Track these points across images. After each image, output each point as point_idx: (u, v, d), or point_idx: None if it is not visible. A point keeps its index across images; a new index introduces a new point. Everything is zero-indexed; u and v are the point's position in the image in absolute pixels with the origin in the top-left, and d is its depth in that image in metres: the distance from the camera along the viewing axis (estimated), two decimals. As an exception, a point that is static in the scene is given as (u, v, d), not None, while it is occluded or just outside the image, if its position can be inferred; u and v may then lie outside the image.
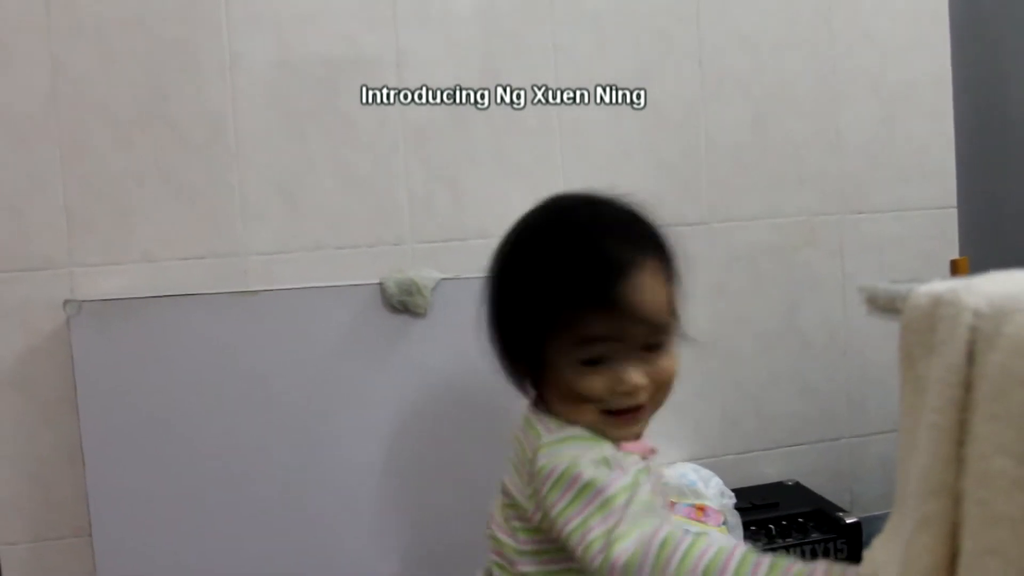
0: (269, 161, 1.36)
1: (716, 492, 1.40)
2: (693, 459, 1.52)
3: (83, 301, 1.23)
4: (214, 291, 1.27)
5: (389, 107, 1.39)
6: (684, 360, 1.48)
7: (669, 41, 1.50)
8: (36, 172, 1.29)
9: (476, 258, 1.01)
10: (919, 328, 0.54)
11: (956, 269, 1.42)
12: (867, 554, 0.60)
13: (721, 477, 1.45)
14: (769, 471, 1.56)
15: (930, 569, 0.49)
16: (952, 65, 1.61)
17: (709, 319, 1.53)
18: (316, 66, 1.36)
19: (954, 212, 1.62)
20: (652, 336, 0.84)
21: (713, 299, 1.53)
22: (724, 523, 1.34)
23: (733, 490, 1.43)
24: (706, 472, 1.45)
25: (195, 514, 1.25)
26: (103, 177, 1.31)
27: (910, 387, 0.56)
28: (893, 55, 1.58)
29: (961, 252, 1.60)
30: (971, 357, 0.50)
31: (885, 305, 0.58)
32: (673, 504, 1.37)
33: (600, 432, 0.85)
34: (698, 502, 1.37)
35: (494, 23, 1.42)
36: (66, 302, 1.24)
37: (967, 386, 0.49)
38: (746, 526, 1.34)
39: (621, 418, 0.85)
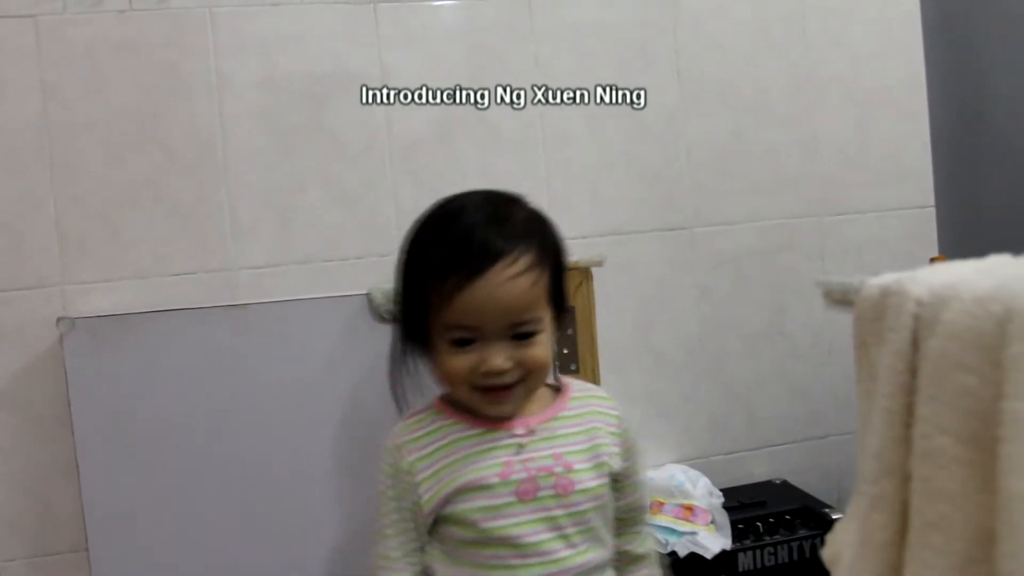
0: (258, 178, 1.39)
1: (704, 492, 1.42)
2: (682, 460, 1.54)
3: (76, 318, 1.25)
4: (205, 305, 1.29)
5: (376, 122, 1.42)
6: (671, 364, 1.53)
7: (647, 52, 1.53)
8: (28, 192, 1.32)
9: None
10: (870, 318, 0.57)
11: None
12: (830, 537, 0.62)
13: (710, 477, 1.47)
14: (757, 470, 1.58)
15: (883, 545, 0.52)
16: (926, 67, 1.64)
17: (695, 322, 1.56)
18: (302, 84, 1.39)
19: (932, 212, 1.64)
20: (515, 327, 0.89)
21: (699, 303, 1.56)
22: (712, 522, 1.36)
23: (721, 490, 1.45)
24: (694, 473, 1.47)
25: (191, 527, 1.27)
26: (94, 196, 1.34)
27: (864, 373, 0.58)
28: (867, 60, 1.62)
29: (940, 251, 1.63)
30: (915, 343, 0.52)
31: (840, 298, 0.61)
32: (661, 504, 1.39)
33: (475, 407, 0.93)
34: (686, 502, 1.39)
35: (476, 38, 1.46)
36: (59, 319, 1.26)
37: (912, 371, 0.52)
38: (734, 525, 1.36)
39: (489, 396, 0.91)
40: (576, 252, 1.40)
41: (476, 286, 0.87)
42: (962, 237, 1.64)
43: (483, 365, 0.88)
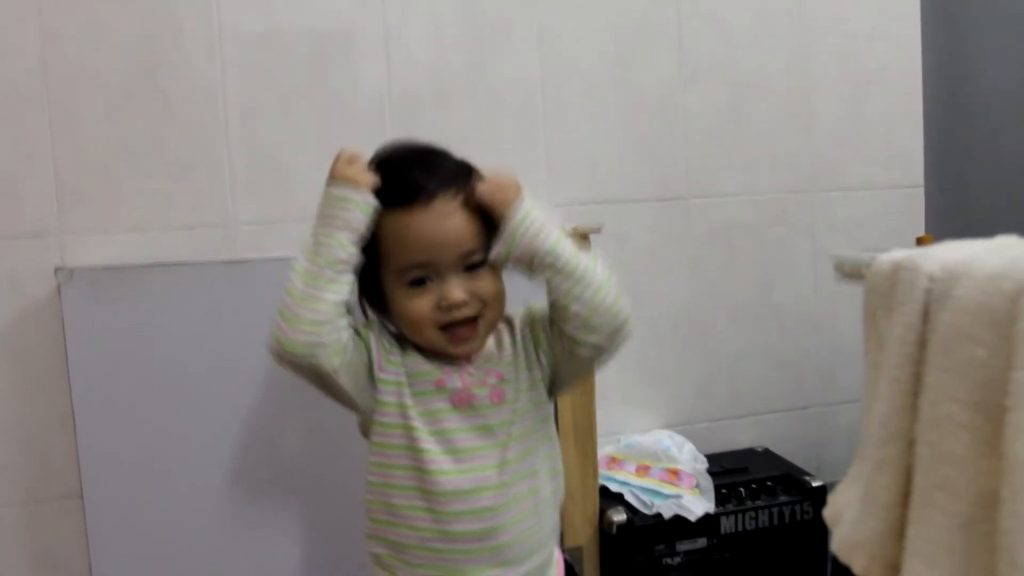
0: (258, 134, 1.38)
1: (689, 457, 1.47)
2: (668, 426, 1.58)
3: (74, 269, 1.25)
4: (203, 260, 1.29)
5: (378, 82, 1.42)
6: (661, 332, 1.56)
7: (649, 26, 1.54)
8: (26, 141, 1.30)
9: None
10: (881, 291, 0.59)
11: (921, 247, 1.48)
12: (831, 497, 0.65)
13: (695, 443, 1.51)
14: (741, 438, 1.63)
15: (888, 504, 0.55)
16: (922, 49, 1.66)
17: (686, 292, 1.59)
18: (304, 40, 1.39)
19: (921, 191, 1.68)
20: (466, 257, 0.91)
21: (690, 273, 1.59)
22: (697, 486, 1.40)
23: (706, 455, 1.50)
24: (680, 438, 1.51)
25: (184, 476, 1.28)
26: (93, 148, 1.33)
27: (873, 344, 0.61)
28: (864, 40, 1.64)
29: (927, 230, 1.67)
30: (925, 316, 0.55)
31: (851, 271, 0.63)
32: (648, 468, 1.43)
33: (443, 349, 0.93)
34: (672, 466, 1.43)
35: (478, 5, 1.45)
36: (57, 269, 1.26)
37: (921, 343, 0.55)
38: (717, 489, 1.40)
39: (455, 336, 0.92)
40: (573, 219, 1.42)
41: (422, 219, 0.89)
42: (948, 218, 1.68)
43: (443, 300, 0.90)
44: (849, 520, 0.59)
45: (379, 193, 0.92)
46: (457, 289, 0.91)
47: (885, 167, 1.66)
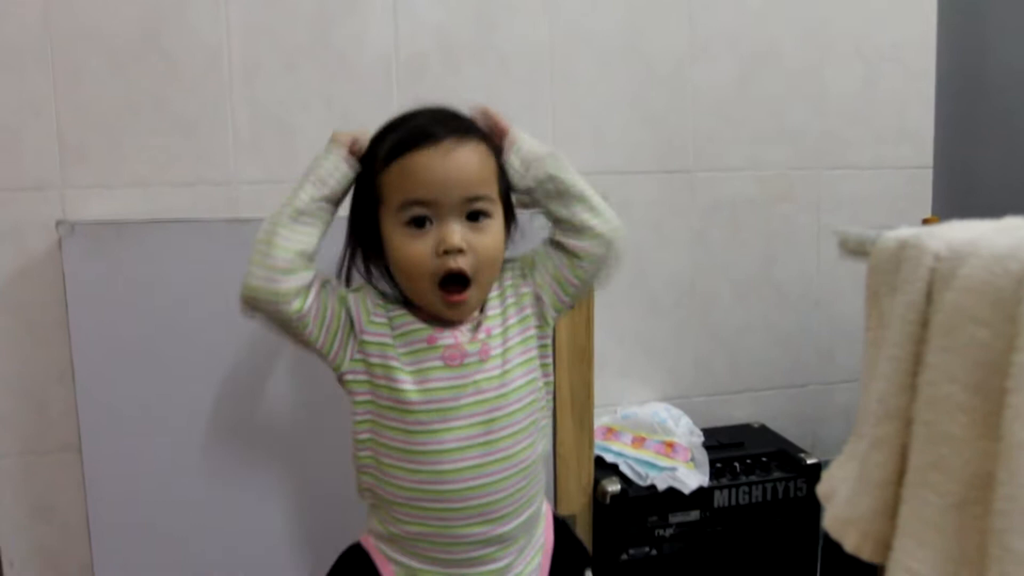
0: (262, 93, 1.37)
1: (685, 430, 1.47)
2: (666, 399, 1.58)
3: (75, 223, 1.25)
4: (205, 217, 1.29)
5: (384, 43, 1.40)
6: (662, 305, 1.56)
7: (660, -6, 1.52)
8: (29, 96, 1.29)
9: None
10: (885, 268, 0.59)
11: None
12: (825, 474, 0.65)
13: (691, 417, 1.52)
14: (737, 413, 1.63)
15: (881, 482, 0.54)
16: (937, 27, 1.64)
17: (688, 266, 1.58)
18: (309, 1, 1.37)
19: (929, 172, 1.67)
20: (469, 203, 0.90)
21: (692, 246, 1.58)
22: (692, 459, 1.40)
23: (702, 430, 1.50)
24: (676, 411, 1.52)
25: (182, 431, 1.29)
26: (96, 104, 1.32)
27: (874, 322, 0.60)
28: (879, 16, 1.62)
29: (933, 212, 1.66)
30: (929, 296, 0.54)
31: (855, 248, 0.63)
32: (644, 440, 1.44)
33: (435, 310, 0.93)
34: (667, 438, 1.43)
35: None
36: (58, 223, 1.25)
37: (923, 322, 0.54)
38: (712, 463, 1.40)
39: (449, 297, 0.91)
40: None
41: (427, 154, 0.88)
42: (955, 200, 1.67)
43: (441, 244, 0.89)
44: (842, 497, 0.59)
45: (385, 141, 0.93)
46: (456, 233, 0.89)
47: (894, 146, 1.65)
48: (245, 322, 1.27)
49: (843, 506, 0.59)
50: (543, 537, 1.01)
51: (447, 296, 0.91)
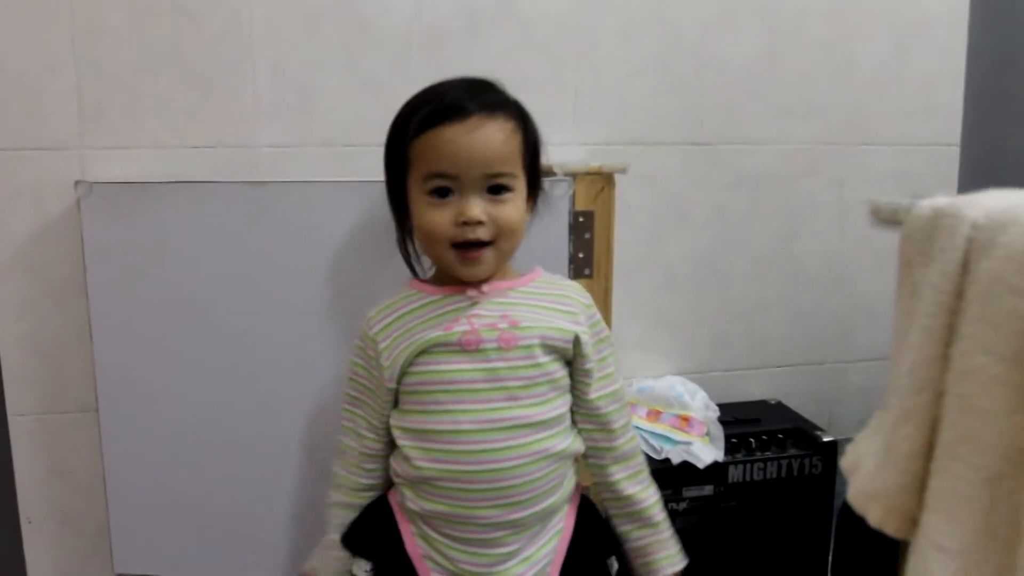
0: (284, 56, 1.36)
1: (701, 405, 1.46)
2: (682, 373, 1.57)
3: (94, 183, 1.25)
4: (224, 180, 1.28)
5: (405, 9, 1.38)
6: (680, 279, 1.54)
7: (688, -38, 1.49)
8: (48, 54, 1.28)
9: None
10: (919, 237, 0.57)
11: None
12: (849, 448, 0.64)
13: (707, 392, 1.51)
14: (754, 389, 1.62)
15: (909, 455, 0.53)
16: (970, 1, 1.60)
17: (708, 239, 1.56)
18: (333, -38, 1.35)
19: (956, 150, 1.64)
20: (490, 179, 0.93)
21: (713, 220, 1.56)
22: (707, 434, 1.40)
23: (718, 404, 1.49)
24: (693, 386, 1.51)
25: (197, 392, 1.29)
26: (115, 63, 1.31)
27: (906, 292, 0.59)
28: (910, -12, 1.58)
29: (958, 191, 1.63)
30: (965, 266, 0.53)
31: (888, 217, 0.62)
32: (659, 413, 1.43)
33: (452, 270, 0.96)
34: (683, 413, 1.43)
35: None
36: (77, 183, 1.25)
37: (958, 292, 0.53)
38: (728, 438, 1.40)
39: (465, 255, 0.94)
40: (599, 158, 1.40)
41: (453, 129, 0.91)
42: (981, 179, 1.64)
43: (460, 216, 0.92)
44: (867, 471, 0.58)
45: (415, 112, 0.95)
46: (476, 207, 0.92)
47: (922, 123, 1.62)
48: (262, 285, 1.28)
49: (868, 480, 0.58)
50: (563, 522, 1.01)
51: (463, 254, 0.94)
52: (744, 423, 1.46)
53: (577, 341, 0.98)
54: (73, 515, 1.40)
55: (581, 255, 1.31)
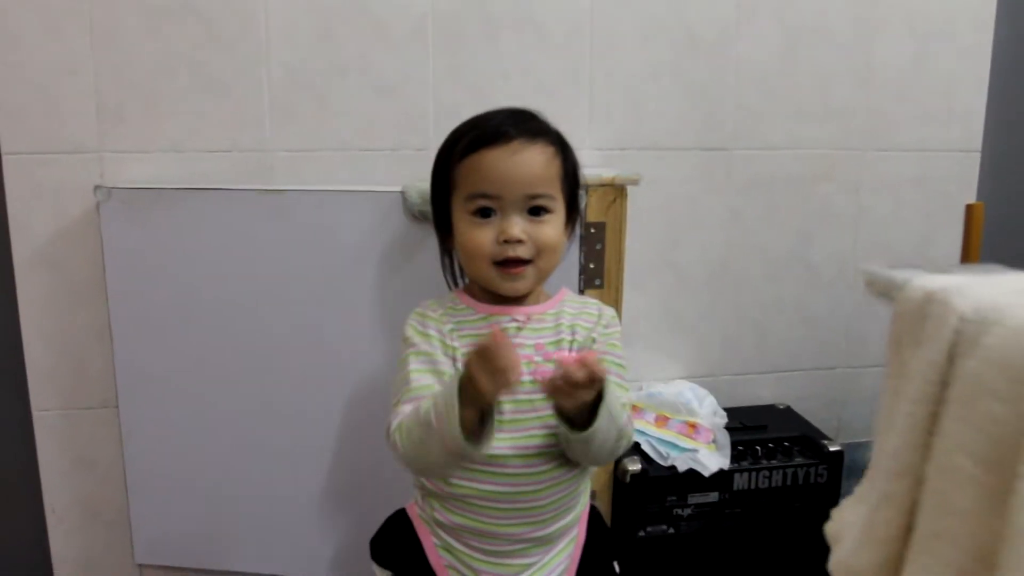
0: (299, 60, 1.36)
1: (709, 411, 1.47)
2: (691, 377, 1.59)
3: (112, 188, 1.27)
4: (240, 187, 1.30)
5: (420, 10, 1.38)
6: (692, 282, 1.55)
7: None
8: (67, 57, 1.30)
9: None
10: (909, 319, 0.58)
11: (970, 214, 1.43)
12: (836, 513, 0.66)
13: (717, 396, 1.52)
14: (763, 393, 1.63)
15: (887, 540, 0.55)
16: (996, 4, 1.56)
17: (721, 243, 1.56)
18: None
19: (977, 156, 1.61)
20: (531, 199, 0.96)
21: (727, 224, 1.56)
22: (713, 441, 1.41)
23: (726, 409, 1.50)
24: (702, 391, 1.52)
25: (215, 390, 1.33)
26: (133, 66, 1.32)
27: (894, 370, 0.60)
28: (933, -11, 1.55)
29: (978, 198, 1.61)
30: (951, 358, 0.53)
31: (881, 290, 0.62)
32: (667, 419, 1.45)
33: (492, 285, 0.99)
34: (691, 419, 1.44)
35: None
36: (96, 187, 1.27)
37: (944, 383, 0.54)
38: (734, 446, 1.41)
39: (506, 271, 0.97)
40: (612, 165, 1.40)
41: (496, 152, 0.95)
42: (1002, 187, 1.62)
43: (502, 235, 0.95)
44: (848, 545, 0.60)
45: (462, 136, 0.99)
46: (517, 226, 0.95)
47: (942, 128, 1.59)
48: (276, 290, 1.30)
49: (848, 555, 0.60)
50: (576, 530, 1.04)
51: (504, 269, 0.97)
52: (751, 430, 1.48)
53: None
54: (95, 505, 1.45)
55: (592, 266, 1.32)
